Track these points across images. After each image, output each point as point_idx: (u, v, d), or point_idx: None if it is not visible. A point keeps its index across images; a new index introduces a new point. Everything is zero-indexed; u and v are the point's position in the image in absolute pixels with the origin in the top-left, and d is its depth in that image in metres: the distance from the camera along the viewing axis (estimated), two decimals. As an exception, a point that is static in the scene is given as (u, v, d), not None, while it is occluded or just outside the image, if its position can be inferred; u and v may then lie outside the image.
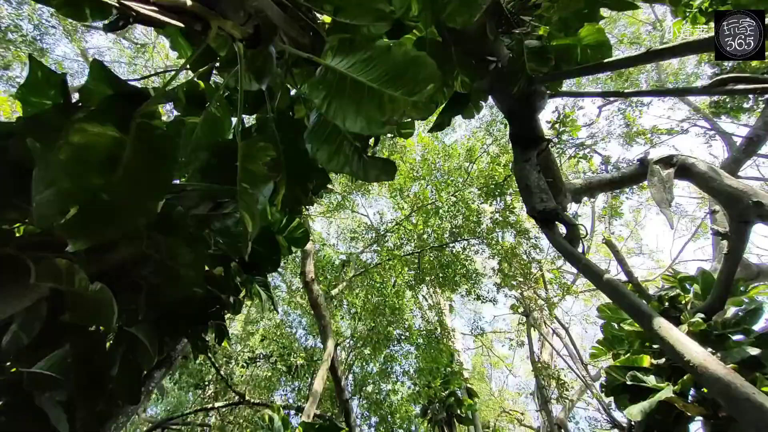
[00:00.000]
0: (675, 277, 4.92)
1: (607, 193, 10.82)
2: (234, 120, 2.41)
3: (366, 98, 1.16)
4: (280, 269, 13.48)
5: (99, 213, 1.03)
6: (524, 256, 9.48)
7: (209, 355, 7.62)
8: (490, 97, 3.35)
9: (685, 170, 3.80)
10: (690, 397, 3.95)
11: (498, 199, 8.43)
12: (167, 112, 8.48)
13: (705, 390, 3.58)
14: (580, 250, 2.45)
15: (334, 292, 8.96)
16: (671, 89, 7.81)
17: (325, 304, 7.26)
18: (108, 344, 2.55)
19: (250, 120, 3.22)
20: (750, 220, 3.58)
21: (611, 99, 12.02)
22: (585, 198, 4.59)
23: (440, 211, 10.07)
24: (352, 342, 12.17)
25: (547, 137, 3.44)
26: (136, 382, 2.75)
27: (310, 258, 7.36)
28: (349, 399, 7.41)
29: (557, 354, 10.76)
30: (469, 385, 10.69)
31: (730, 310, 4.41)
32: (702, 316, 4.42)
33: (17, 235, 1.56)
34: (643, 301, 1.97)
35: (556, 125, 6.06)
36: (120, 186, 1.02)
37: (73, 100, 1.58)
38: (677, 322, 4.44)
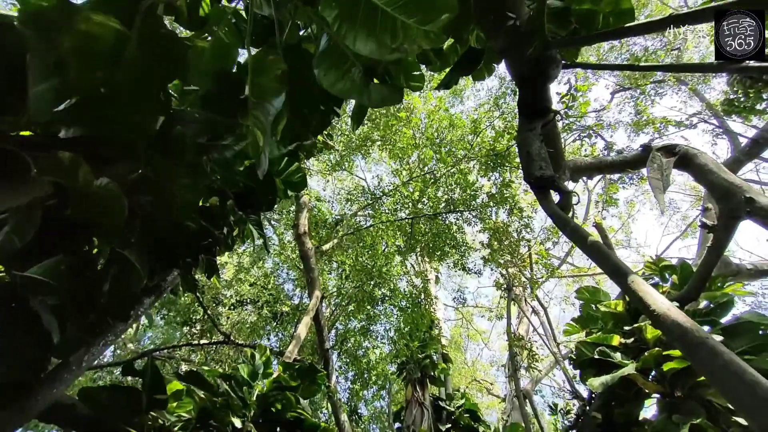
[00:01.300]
0: (657, 264, 5.07)
1: (605, 180, 10.85)
2: (239, 51, 2.35)
3: (379, 22, 1.13)
4: (273, 222, 13.57)
5: (97, 105, 1.02)
6: (514, 234, 9.63)
7: (198, 294, 7.81)
8: (500, 68, 3.28)
9: (686, 160, 3.81)
10: (650, 377, 4.19)
11: (497, 171, 8.42)
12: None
13: (665, 352, 3.77)
14: (570, 216, 2.50)
15: (325, 247, 9.10)
16: (686, 64, 7.62)
17: (314, 258, 7.40)
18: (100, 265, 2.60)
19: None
20: (740, 215, 3.65)
21: (625, 86, 11.78)
22: (583, 178, 4.61)
23: (438, 182, 10.07)
24: (337, 300, 12.52)
25: (554, 109, 3.41)
26: (127, 300, 2.84)
27: (304, 212, 7.39)
28: (329, 349, 7.74)
29: (533, 330, 11.22)
30: (444, 352, 11.14)
31: (703, 303, 4.58)
32: (676, 305, 4.58)
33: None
34: (623, 262, 2.06)
35: (566, 98, 5.94)
36: (121, 81, 1.01)
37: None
38: (651, 307, 4.61)
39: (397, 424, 9.44)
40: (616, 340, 4.50)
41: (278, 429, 4.01)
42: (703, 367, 1.52)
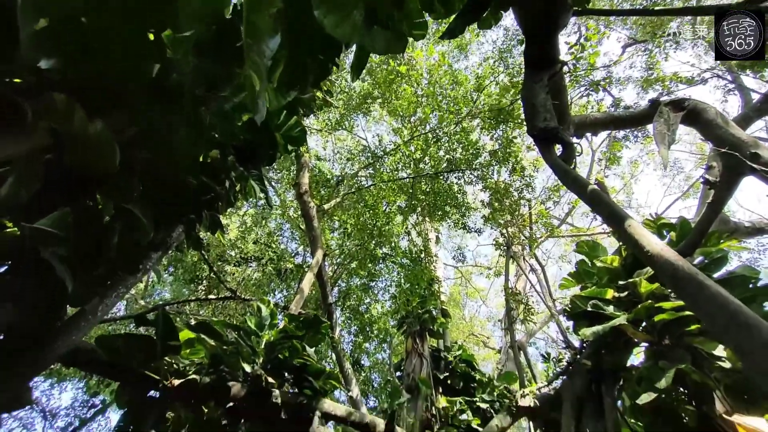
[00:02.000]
0: (655, 222, 5.12)
1: (610, 138, 10.67)
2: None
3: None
4: (274, 183, 13.54)
5: (87, 49, 1.00)
6: (515, 194, 9.62)
7: (203, 252, 7.98)
8: (506, 19, 3.11)
9: (694, 115, 3.73)
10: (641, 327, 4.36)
11: (500, 129, 8.24)
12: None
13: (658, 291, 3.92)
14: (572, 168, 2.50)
15: (326, 207, 9.15)
16: (703, 7, 7.22)
17: (316, 217, 7.47)
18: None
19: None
20: (743, 171, 3.62)
21: (639, 40, 11.22)
22: (587, 134, 4.53)
23: (440, 141, 9.90)
24: (339, 259, 12.79)
25: (562, 60, 3.28)
26: (134, 254, 2.91)
27: (304, 170, 7.35)
28: (332, 304, 8.03)
29: (531, 287, 11.55)
30: (443, 307, 11.54)
31: (698, 258, 4.67)
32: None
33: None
34: (620, 208, 2.09)
35: (575, 48, 5.68)
36: (108, 22, 0.97)
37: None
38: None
39: (397, 373, 9.99)
40: (610, 293, 4.64)
41: (286, 374, 4.26)
42: (690, 300, 1.59)
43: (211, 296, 8.63)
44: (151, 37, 1.50)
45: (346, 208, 11.48)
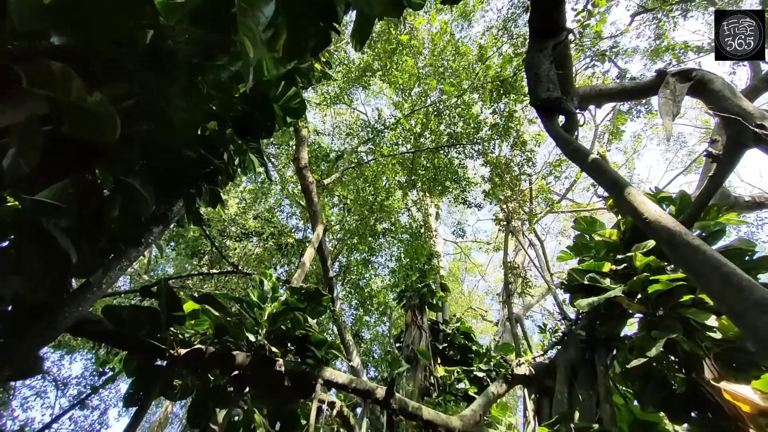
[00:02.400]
0: (656, 196, 5.12)
1: (615, 111, 10.48)
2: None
3: None
4: (273, 159, 13.43)
5: (79, 14, 0.97)
6: (516, 168, 9.56)
7: (204, 227, 8.02)
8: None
9: (701, 86, 3.65)
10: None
11: (502, 102, 8.07)
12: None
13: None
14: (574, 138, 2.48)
15: (326, 182, 9.12)
16: None
17: (316, 192, 7.46)
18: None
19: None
20: (747, 144, 3.59)
21: (648, 8, 10.81)
22: (591, 107, 4.46)
23: (441, 114, 9.73)
24: (340, 235, 12.88)
25: (568, 28, 3.18)
26: (136, 227, 2.93)
27: (304, 145, 7.28)
28: (333, 278, 8.15)
29: (529, 261, 11.68)
30: (443, 282, 11.73)
31: (696, 231, 4.70)
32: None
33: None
34: (621, 176, 2.09)
35: (582, 14, 5.48)
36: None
37: None
38: (647, 237, 4.76)
39: (397, 345, 10.27)
40: (607, 267, 4.70)
41: (288, 344, 4.38)
42: (686, 264, 1.63)
43: (214, 271, 8.76)
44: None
45: (346, 183, 11.44)
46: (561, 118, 2.48)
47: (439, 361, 9.12)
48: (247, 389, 4.06)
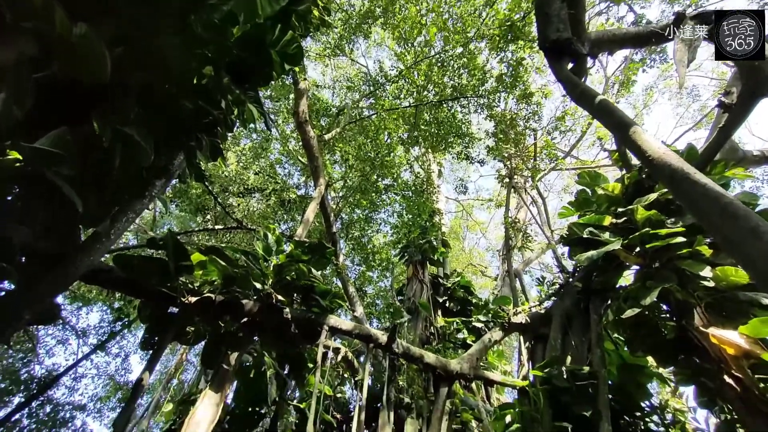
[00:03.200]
0: (662, 149, 5.01)
1: (628, 60, 9.99)
2: None
3: None
4: (272, 116, 13.10)
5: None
6: (521, 123, 9.32)
7: (206, 183, 8.03)
8: None
9: (720, 30, 3.46)
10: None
11: (508, 49, 7.67)
12: None
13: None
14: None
15: (327, 137, 8.94)
16: None
17: (317, 147, 7.35)
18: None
19: None
20: (762, 93, 3.47)
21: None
22: (603, 54, 4.25)
23: (445, 65, 9.32)
24: (342, 193, 12.89)
25: (583, -37, 2.96)
26: (138, 178, 2.94)
27: (303, 98, 7.06)
28: (336, 233, 8.27)
29: (531, 218, 11.75)
30: (444, 238, 11.88)
31: (700, 185, 4.65)
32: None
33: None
34: (627, 116, 2.06)
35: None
36: None
37: None
38: (650, 191, 4.74)
39: (399, 297, 10.62)
40: (608, 220, 4.73)
41: (294, 295, 4.55)
42: (686, 197, 1.64)
43: (219, 227, 8.87)
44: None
45: (347, 139, 11.24)
46: (570, 64, 2.37)
47: (439, 313, 9.47)
48: (257, 335, 4.27)
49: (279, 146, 13.03)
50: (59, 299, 3.02)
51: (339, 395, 8.26)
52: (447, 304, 9.89)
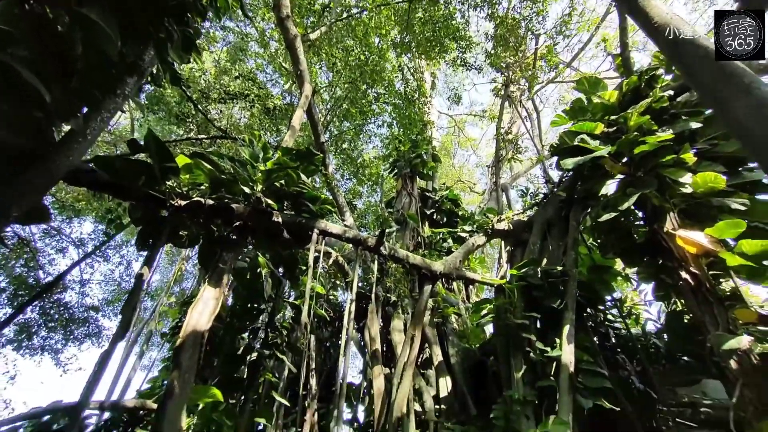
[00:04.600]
0: (658, 57, 4.77)
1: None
2: None
3: None
4: (249, 13, 11.69)
5: None
6: (523, 25, 8.57)
7: (183, 88, 7.51)
8: None
9: None
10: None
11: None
12: None
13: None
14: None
15: (312, 36, 8.15)
16: None
17: (302, 47, 6.74)
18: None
19: None
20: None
21: None
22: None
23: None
24: (330, 105, 12.26)
25: None
26: (105, 68, 2.72)
27: (283, -12, 6.22)
28: (324, 143, 8.08)
29: (525, 131, 11.56)
30: (434, 152, 11.76)
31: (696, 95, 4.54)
32: (670, 94, 4.56)
33: None
34: None
35: None
36: None
37: None
38: (646, 97, 4.61)
39: (388, 209, 10.89)
40: (600, 128, 4.68)
41: (285, 202, 4.60)
42: (682, 59, 1.63)
43: (202, 136, 8.54)
44: None
45: (334, 41, 10.30)
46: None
47: (426, 225, 9.83)
48: (250, 239, 4.42)
49: (259, 49, 11.93)
50: (50, 210, 3.04)
51: (332, 297, 8.95)
52: (434, 216, 10.24)
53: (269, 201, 3.90)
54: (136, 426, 5.54)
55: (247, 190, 3.77)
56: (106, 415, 5.66)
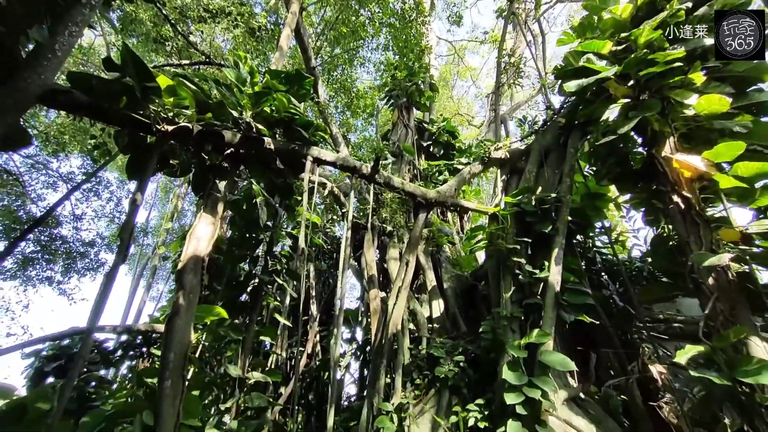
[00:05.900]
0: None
1: None
2: None
3: None
4: None
5: None
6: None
7: (158, 5, 6.83)
8: None
9: None
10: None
11: None
12: None
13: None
14: None
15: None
16: None
17: (286, -44, 6.00)
18: None
19: None
20: None
21: None
22: None
23: None
24: (321, 27, 11.31)
25: None
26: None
27: None
28: (315, 67, 7.62)
29: (529, 55, 10.88)
30: (432, 82, 11.17)
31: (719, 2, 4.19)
32: (688, 6, 4.23)
33: None
34: None
35: None
36: None
37: None
38: (662, 11, 4.27)
39: (383, 142, 10.65)
40: (608, 47, 4.40)
41: (277, 129, 4.44)
42: None
43: (184, 61, 7.95)
44: None
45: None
46: None
47: (423, 157, 9.68)
48: (243, 166, 4.35)
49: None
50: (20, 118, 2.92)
51: (329, 231, 9.12)
52: (431, 149, 10.05)
53: (260, 126, 3.76)
54: (150, 347, 5.97)
55: (235, 114, 3.61)
56: (123, 338, 6.08)
